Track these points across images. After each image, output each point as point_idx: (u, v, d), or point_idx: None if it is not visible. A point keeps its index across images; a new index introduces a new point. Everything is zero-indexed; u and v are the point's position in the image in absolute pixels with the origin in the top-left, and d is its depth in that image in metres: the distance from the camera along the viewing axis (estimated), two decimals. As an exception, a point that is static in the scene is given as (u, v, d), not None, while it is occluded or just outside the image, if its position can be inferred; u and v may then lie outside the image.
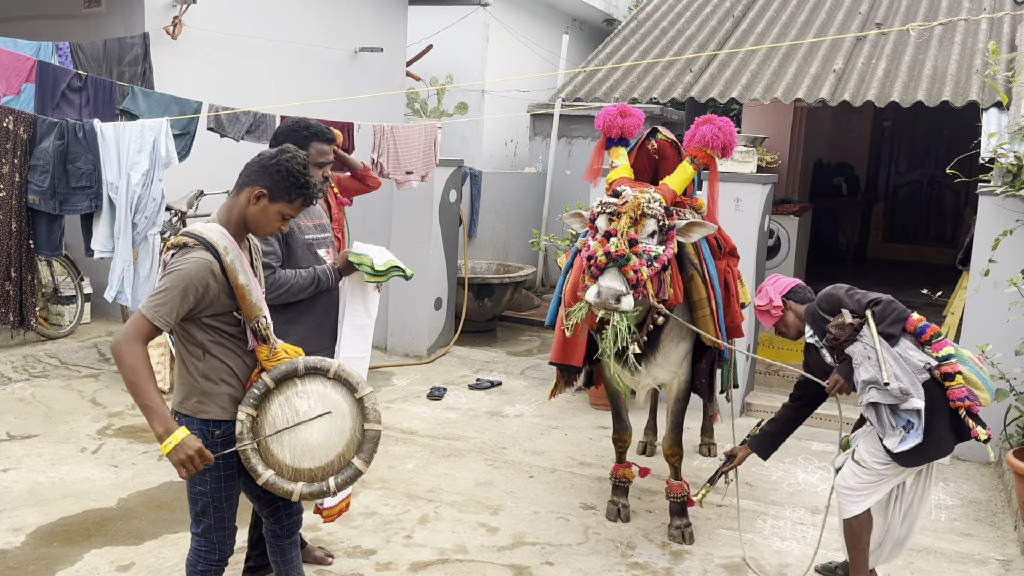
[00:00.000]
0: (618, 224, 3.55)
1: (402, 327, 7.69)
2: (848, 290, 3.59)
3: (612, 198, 3.67)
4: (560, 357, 4.25)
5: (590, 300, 3.48)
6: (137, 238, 5.22)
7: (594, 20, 13.73)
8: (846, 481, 3.58)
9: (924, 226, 12.45)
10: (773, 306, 3.77)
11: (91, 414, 5.62)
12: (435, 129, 7.07)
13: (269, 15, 8.37)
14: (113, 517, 4.21)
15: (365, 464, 2.70)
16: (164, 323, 2.50)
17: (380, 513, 4.36)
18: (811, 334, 3.71)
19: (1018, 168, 5.18)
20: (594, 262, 3.48)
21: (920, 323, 3.45)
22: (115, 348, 2.49)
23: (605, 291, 3.40)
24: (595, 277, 3.48)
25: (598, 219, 3.67)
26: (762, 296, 3.82)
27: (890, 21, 7.92)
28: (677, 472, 4.30)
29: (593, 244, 3.57)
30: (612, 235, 3.52)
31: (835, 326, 3.49)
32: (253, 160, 2.70)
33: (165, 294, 2.50)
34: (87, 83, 5.58)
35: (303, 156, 2.71)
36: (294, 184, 2.65)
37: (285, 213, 2.69)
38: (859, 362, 3.41)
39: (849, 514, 3.57)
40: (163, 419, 2.49)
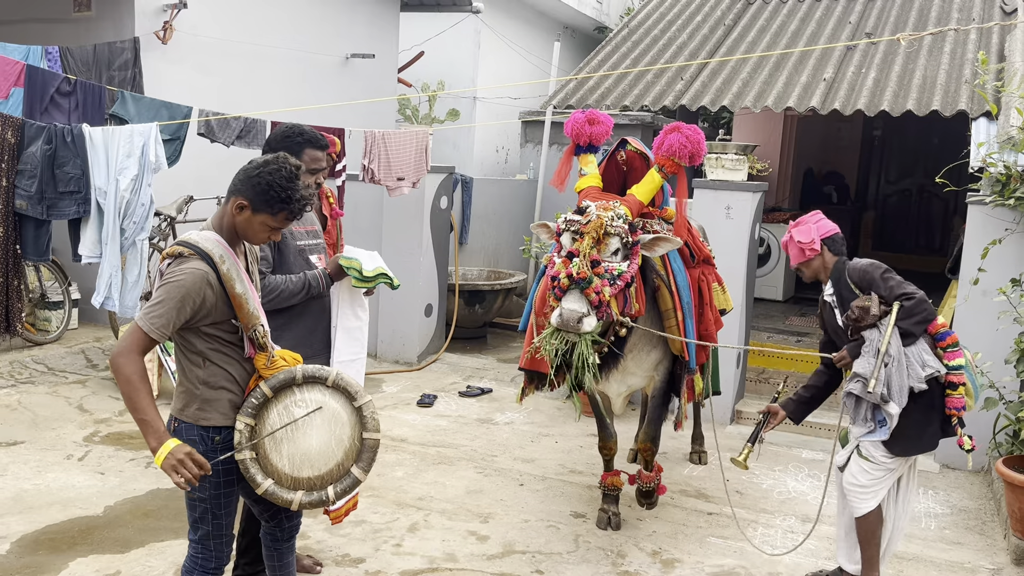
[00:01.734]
0: (581, 244, 3.56)
1: (392, 334, 7.66)
2: (884, 272, 3.56)
3: (576, 215, 3.67)
4: (528, 364, 4.28)
5: (553, 323, 3.51)
6: (125, 243, 5.19)
7: (586, 28, 13.77)
8: (856, 478, 3.60)
9: (913, 235, 12.51)
10: (812, 247, 3.69)
11: (78, 421, 5.57)
12: (426, 136, 7.06)
13: (260, 20, 8.35)
14: (99, 525, 4.17)
15: (364, 473, 2.69)
16: (160, 335, 2.49)
17: (369, 521, 4.33)
18: (830, 292, 3.73)
19: (1007, 177, 5.20)
20: (557, 283, 3.53)
21: (942, 329, 3.50)
22: (113, 360, 2.50)
23: (567, 313, 3.45)
24: (558, 298, 3.53)
25: (563, 236, 3.68)
26: (805, 232, 3.70)
27: (880, 31, 7.97)
28: (648, 464, 4.43)
29: (557, 264, 3.60)
30: (575, 255, 3.55)
31: (859, 307, 3.50)
32: (242, 168, 2.66)
33: (161, 306, 2.49)
34: (76, 87, 5.56)
35: (291, 168, 2.61)
36: (275, 198, 2.57)
37: (269, 224, 2.62)
38: (865, 350, 3.45)
39: (863, 511, 3.61)
40: (157, 433, 2.48)
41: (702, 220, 5.59)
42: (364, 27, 9.66)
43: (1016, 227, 5.21)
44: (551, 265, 3.66)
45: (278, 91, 8.38)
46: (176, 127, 5.56)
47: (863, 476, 3.59)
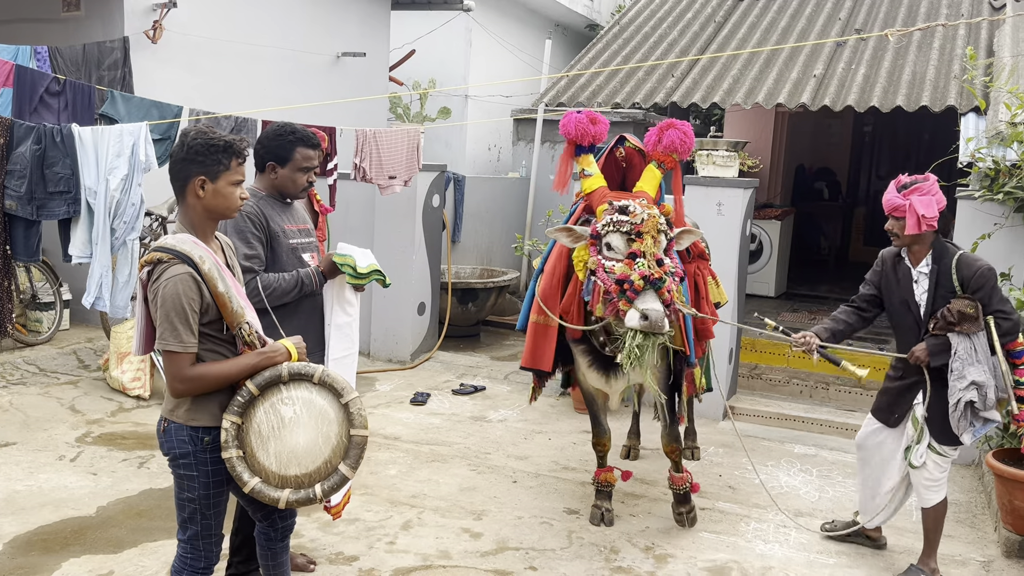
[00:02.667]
0: (642, 244, 3.57)
1: (385, 332, 7.66)
2: (996, 284, 3.65)
3: (621, 215, 3.63)
4: (530, 362, 4.26)
5: (636, 325, 3.48)
6: (116, 243, 5.17)
7: (577, 25, 13.77)
8: (932, 473, 3.79)
9: (904, 230, 12.55)
10: (932, 222, 3.61)
11: (70, 421, 5.56)
12: (418, 134, 7.06)
13: (251, 19, 8.34)
14: (92, 525, 4.16)
15: (352, 470, 2.68)
16: (194, 344, 2.53)
17: (363, 519, 4.34)
18: (925, 272, 3.72)
19: (995, 172, 5.23)
20: (630, 286, 3.49)
21: (1019, 347, 3.67)
22: (177, 391, 2.56)
23: (655, 315, 3.44)
24: (631, 301, 3.50)
25: (608, 236, 3.65)
26: (929, 205, 3.58)
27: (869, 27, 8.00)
28: (678, 466, 4.37)
29: (619, 266, 3.56)
30: (638, 255, 3.55)
31: (960, 312, 3.56)
32: (171, 163, 2.64)
33: (173, 322, 2.49)
34: (66, 87, 5.54)
35: (202, 126, 2.65)
36: (218, 151, 2.59)
37: (233, 180, 2.64)
38: (964, 359, 3.58)
39: (934, 502, 3.83)
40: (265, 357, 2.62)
41: (694, 216, 5.60)
42: (355, 25, 9.65)
43: (1005, 221, 5.24)
44: (601, 267, 3.61)
45: (269, 90, 8.37)
46: (166, 127, 5.55)
47: (937, 471, 3.80)
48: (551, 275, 4.12)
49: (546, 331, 4.14)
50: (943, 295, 3.69)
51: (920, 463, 3.82)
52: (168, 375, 2.53)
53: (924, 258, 3.75)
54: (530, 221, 10.78)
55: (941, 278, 3.69)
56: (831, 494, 4.94)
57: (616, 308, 3.56)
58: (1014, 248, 5.27)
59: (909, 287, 3.79)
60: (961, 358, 3.60)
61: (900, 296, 3.83)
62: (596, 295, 3.65)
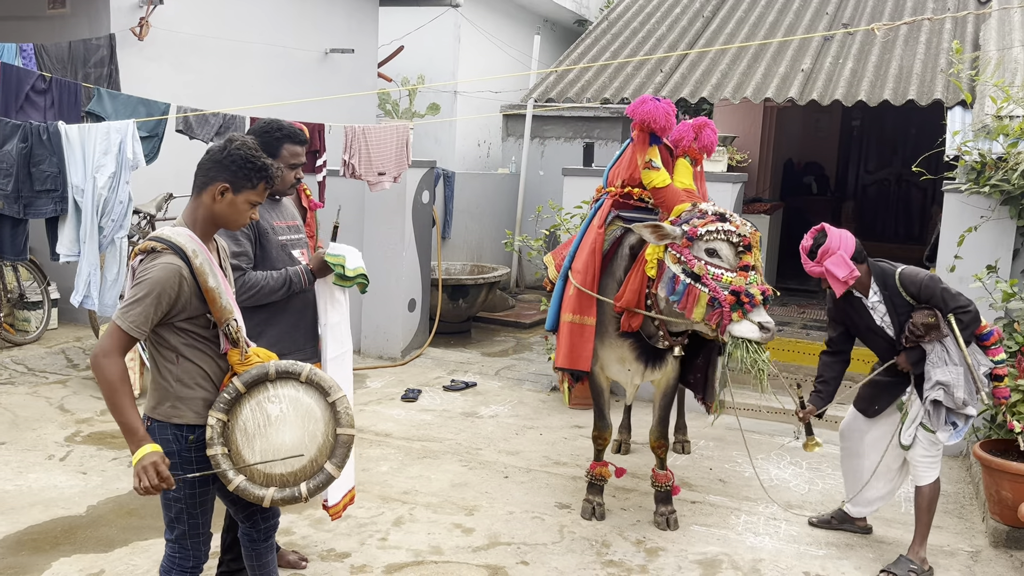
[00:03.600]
0: (751, 258, 3.66)
1: (376, 329, 7.65)
2: (942, 288, 3.75)
3: (723, 223, 3.66)
4: (568, 362, 4.17)
5: (755, 337, 3.58)
6: (104, 241, 5.15)
7: (565, 21, 13.77)
8: (927, 450, 3.89)
9: (893, 223, 12.61)
10: (852, 276, 3.77)
11: (59, 421, 5.53)
12: (407, 130, 7.05)
13: (238, 16, 8.30)
14: (82, 525, 4.15)
15: (338, 469, 2.67)
16: (140, 332, 2.50)
17: (354, 516, 4.34)
18: (876, 299, 3.87)
19: (982, 165, 5.26)
20: (749, 299, 3.56)
21: (985, 329, 3.80)
22: (93, 362, 2.50)
23: (772, 327, 3.60)
24: (746, 313, 3.57)
25: (713, 243, 3.65)
26: (841, 264, 3.74)
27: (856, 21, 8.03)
28: (663, 463, 4.40)
29: (733, 277, 3.59)
30: (750, 268, 3.64)
31: (924, 324, 3.70)
32: (204, 159, 2.67)
33: (138, 303, 2.48)
34: (52, 85, 5.51)
35: (251, 140, 2.68)
36: (252, 170, 2.63)
37: (252, 200, 2.67)
38: (935, 362, 3.72)
39: (929, 480, 3.92)
40: (135, 436, 2.49)
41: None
42: (343, 22, 9.62)
43: (991, 214, 5.28)
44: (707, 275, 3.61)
45: (257, 87, 8.34)
46: (154, 124, 5.53)
47: (932, 448, 3.89)
48: (585, 272, 4.10)
49: (582, 330, 4.12)
50: (902, 311, 3.85)
51: (909, 441, 3.92)
52: (99, 345, 2.49)
53: (870, 288, 3.91)
54: (520, 217, 10.80)
55: (894, 299, 3.85)
56: (820, 487, 4.97)
57: (724, 317, 3.59)
58: (1000, 241, 5.30)
59: (868, 316, 3.96)
60: (931, 361, 3.76)
61: (864, 324, 4.00)
62: (693, 300, 3.64)
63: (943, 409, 3.74)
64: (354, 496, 3.72)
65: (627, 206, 4.26)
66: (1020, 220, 5.23)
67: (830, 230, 3.85)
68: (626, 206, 4.26)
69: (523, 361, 7.75)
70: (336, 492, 3.52)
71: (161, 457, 2.49)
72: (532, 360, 7.78)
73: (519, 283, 10.98)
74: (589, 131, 11.11)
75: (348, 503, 3.66)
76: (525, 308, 9.86)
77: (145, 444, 2.48)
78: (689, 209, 3.79)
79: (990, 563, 4.10)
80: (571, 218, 6.51)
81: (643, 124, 3.93)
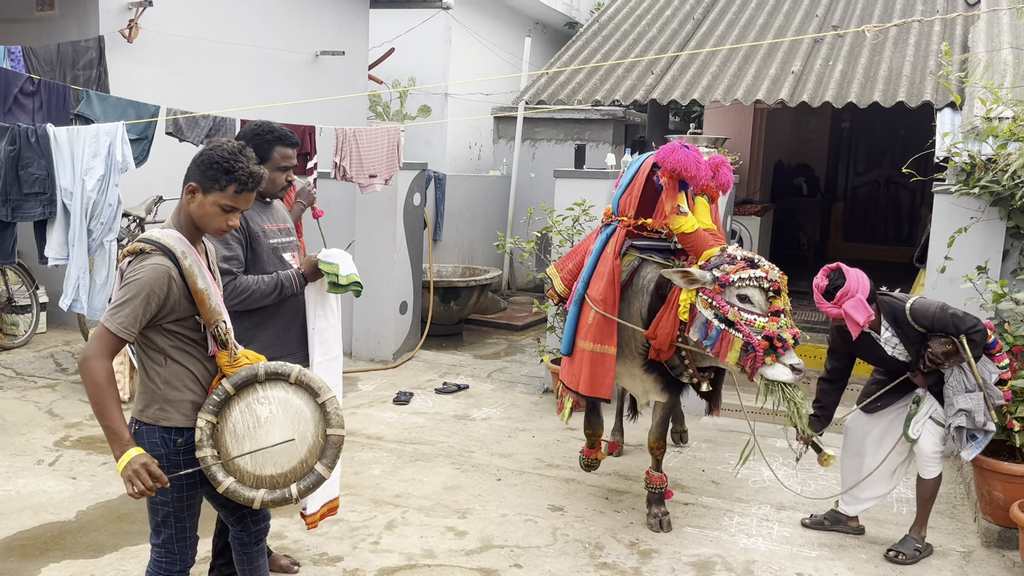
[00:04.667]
0: (781, 303, 3.75)
1: (367, 332, 7.63)
2: (951, 314, 3.83)
3: (754, 269, 3.73)
4: (590, 390, 4.20)
5: (788, 379, 3.68)
6: (93, 245, 5.11)
7: (556, 23, 13.78)
8: (936, 446, 4.03)
9: (882, 225, 12.66)
10: (870, 318, 3.86)
11: (48, 425, 5.49)
12: (398, 132, 7.03)
13: (228, 18, 8.27)
14: (71, 530, 4.11)
15: (328, 470, 2.66)
16: (129, 334, 2.47)
17: (347, 519, 4.32)
18: (889, 334, 3.99)
19: (971, 166, 5.28)
20: (782, 343, 3.64)
21: (991, 339, 3.92)
22: (81, 364, 2.47)
23: (802, 367, 3.69)
24: (779, 356, 3.66)
25: (745, 290, 3.72)
26: (860, 308, 3.80)
27: (846, 23, 8.06)
28: (659, 464, 4.43)
29: (766, 323, 3.67)
30: (781, 313, 3.72)
31: (943, 353, 3.83)
32: (189, 163, 2.66)
33: (127, 304, 2.46)
34: (40, 87, 5.47)
35: (234, 144, 2.63)
36: (220, 171, 2.55)
37: (222, 204, 2.59)
38: (956, 388, 3.87)
39: (934, 474, 4.07)
40: (120, 441, 2.46)
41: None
42: (334, 24, 9.60)
43: (981, 215, 5.30)
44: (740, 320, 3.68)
45: (247, 89, 8.30)
46: (144, 126, 5.49)
47: (940, 444, 4.03)
48: (606, 302, 4.14)
49: (603, 359, 4.16)
50: (915, 340, 3.96)
51: (917, 435, 4.04)
52: (88, 347, 2.47)
53: (881, 325, 4.01)
54: (511, 219, 10.79)
55: (907, 332, 3.95)
56: (813, 487, 4.98)
57: (757, 361, 3.67)
58: (990, 242, 5.33)
59: (878, 348, 4.07)
60: (952, 386, 3.88)
61: (874, 354, 4.12)
62: (727, 344, 3.72)
63: (964, 431, 3.90)
64: (336, 507, 3.69)
65: (640, 236, 4.33)
66: (1009, 221, 5.25)
67: (847, 271, 3.90)
68: (639, 236, 4.33)
69: (515, 363, 7.74)
70: (316, 501, 3.51)
71: (149, 457, 2.47)
72: (524, 362, 7.77)
73: (511, 285, 10.97)
74: (580, 133, 11.12)
75: (327, 514, 3.62)
76: (517, 310, 9.86)
77: (129, 448, 2.45)
78: (718, 254, 3.85)
79: (982, 563, 4.11)
80: (563, 220, 6.51)
81: (673, 172, 3.96)
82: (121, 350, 2.69)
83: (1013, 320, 4.79)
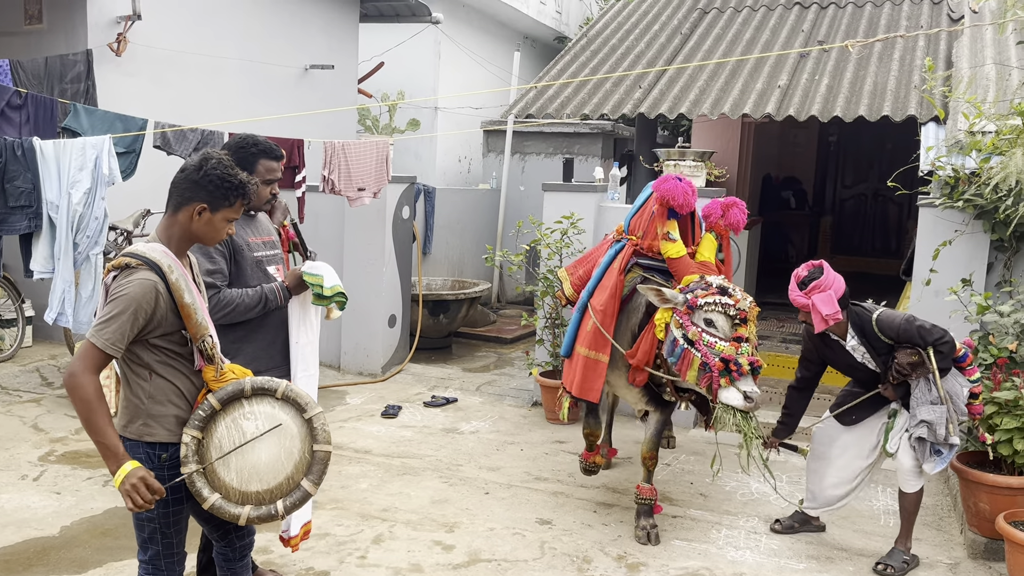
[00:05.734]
0: (745, 331, 3.87)
1: (355, 345, 7.61)
2: (918, 325, 3.87)
3: (724, 297, 3.88)
4: (580, 392, 4.43)
5: (739, 405, 3.78)
6: (79, 258, 5.10)
7: (545, 37, 13.85)
8: (914, 462, 4.02)
9: (870, 238, 12.73)
10: (836, 316, 3.90)
11: (33, 440, 5.45)
12: (387, 145, 7.05)
13: (217, 32, 8.28)
14: (55, 546, 4.08)
15: (314, 486, 2.65)
16: (115, 350, 2.45)
17: (333, 534, 4.29)
18: (855, 343, 4.04)
19: (955, 180, 5.33)
20: (737, 368, 3.76)
21: (961, 351, 3.94)
22: (68, 381, 2.45)
23: (757, 397, 3.79)
24: (733, 381, 3.78)
25: (711, 315, 3.87)
26: (829, 303, 3.87)
27: (831, 38, 8.13)
28: (650, 476, 4.50)
29: (725, 346, 3.80)
30: (741, 339, 3.83)
31: (909, 364, 3.86)
32: (180, 177, 2.64)
33: (114, 320, 2.44)
34: (27, 101, 5.46)
35: (226, 157, 2.67)
36: (229, 189, 2.63)
37: (229, 217, 2.68)
38: (920, 400, 3.87)
39: (912, 489, 4.08)
40: (116, 455, 2.44)
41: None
42: (323, 38, 9.63)
43: (965, 228, 5.34)
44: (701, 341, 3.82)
45: (236, 102, 8.31)
46: (131, 140, 5.49)
47: (914, 460, 4.03)
48: (605, 313, 4.34)
49: (596, 365, 4.39)
50: (883, 351, 4.02)
51: (895, 449, 4.07)
52: (73, 363, 2.44)
53: (847, 333, 4.08)
54: (501, 232, 10.81)
55: (873, 343, 4.02)
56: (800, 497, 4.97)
57: (714, 382, 3.81)
58: (974, 254, 5.36)
59: (848, 356, 4.14)
60: (916, 397, 3.93)
61: (845, 362, 4.18)
62: (687, 363, 3.90)
63: (927, 443, 3.92)
64: (309, 531, 3.67)
65: (646, 256, 4.51)
66: (994, 234, 5.29)
67: (827, 269, 4.00)
68: (645, 256, 4.51)
69: (504, 376, 7.74)
70: (296, 522, 3.49)
71: (145, 470, 2.46)
72: (513, 375, 7.76)
73: (500, 298, 10.97)
74: (569, 147, 11.17)
75: (303, 537, 3.61)
76: (506, 323, 9.85)
77: (125, 462, 2.44)
78: (697, 280, 4.06)
79: (968, 575, 4.12)
80: (551, 233, 6.53)
81: (663, 200, 4.24)
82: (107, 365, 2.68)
83: (997, 332, 4.82)
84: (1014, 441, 4.14)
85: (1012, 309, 4.82)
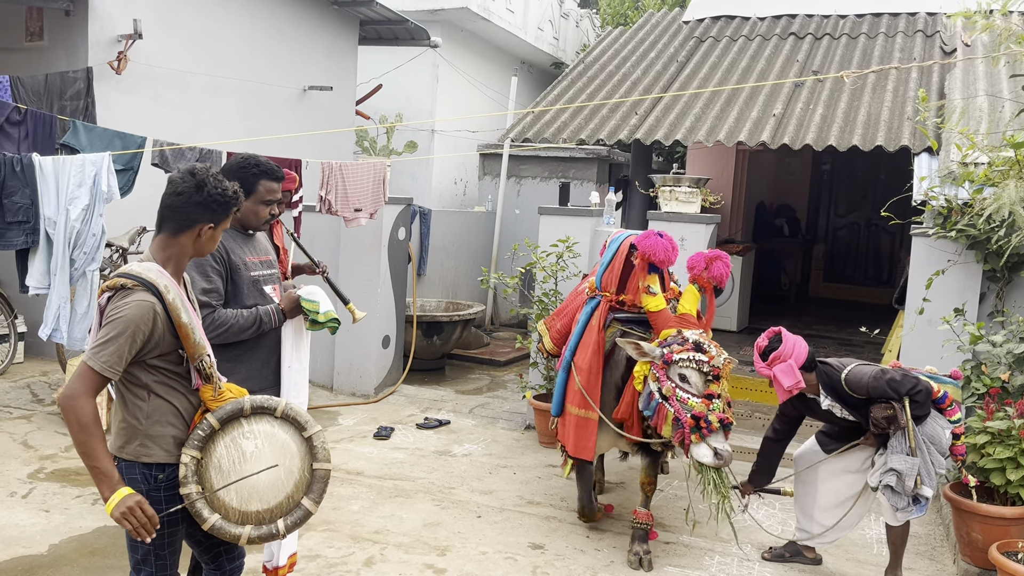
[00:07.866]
0: (718, 388, 3.93)
1: (349, 366, 7.59)
2: (888, 379, 3.86)
3: (698, 353, 3.94)
4: (575, 452, 4.51)
5: (707, 462, 3.85)
6: (75, 274, 5.08)
7: (542, 63, 13.97)
8: (895, 499, 3.96)
9: (863, 266, 12.81)
10: (798, 386, 3.93)
11: (22, 457, 5.41)
12: (384, 167, 7.08)
13: (217, 52, 8.33)
14: (43, 564, 4.03)
15: (315, 504, 2.64)
16: (114, 372, 2.42)
17: (324, 556, 4.26)
18: (828, 402, 4.06)
19: (948, 210, 5.38)
20: (707, 425, 3.84)
21: (939, 394, 3.93)
22: (64, 403, 2.41)
23: (727, 454, 3.85)
24: (704, 437, 3.85)
25: (685, 370, 3.94)
26: (789, 374, 3.90)
27: (826, 68, 8.23)
28: (647, 501, 4.53)
29: (696, 403, 3.88)
30: (713, 396, 3.90)
31: (885, 418, 3.85)
32: (179, 201, 2.60)
33: (111, 342, 2.41)
34: (27, 117, 5.47)
35: (215, 171, 2.69)
36: (229, 203, 2.68)
37: (225, 227, 2.74)
38: (895, 448, 3.87)
39: (898, 522, 4.04)
40: (110, 481, 2.41)
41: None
42: (322, 59, 9.69)
43: (958, 258, 5.38)
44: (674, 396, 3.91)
45: (235, 121, 8.35)
46: (130, 157, 5.50)
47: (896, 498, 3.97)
48: (590, 371, 4.42)
49: (587, 423, 4.44)
50: (859, 405, 4.02)
51: (876, 484, 4.03)
52: (70, 386, 2.40)
53: (820, 392, 4.10)
54: (496, 255, 10.83)
55: (846, 399, 4.03)
56: (793, 527, 4.96)
57: (686, 438, 3.88)
58: (967, 284, 5.40)
59: (824, 411, 4.15)
60: (893, 447, 3.92)
61: (824, 416, 4.20)
62: (661, 417, 3.99)
63: (899, 492, 3.91)
64: (295, 562, 3.65)
65: (622, 310, 4.56)
66: (986, 264, 5.34)
67: (786, 336, 4.02)
68: (620, 310, 4.56)
69: (497, 399, 7.72)
70: (284, 553, 3.47)
71: (140, 497, 2.43)
72: (506, 398, 7.75)
73: (494, 321, 10.97)
74: (565, 171, 11.23)
75: (289, 569, 3.59)
76: (500, 346, 9.85)
77: (119, 488, 2.40)
78: (674, 335, 4.10)
79: (961, 605, 4.11)
80: (547, 256, 6.55)
81: (644, 255, 4.31)
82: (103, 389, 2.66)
83: (990, 362, 4.85)
84: (1007, 471, 4.15)
85: (1004, 339, 4.85)
